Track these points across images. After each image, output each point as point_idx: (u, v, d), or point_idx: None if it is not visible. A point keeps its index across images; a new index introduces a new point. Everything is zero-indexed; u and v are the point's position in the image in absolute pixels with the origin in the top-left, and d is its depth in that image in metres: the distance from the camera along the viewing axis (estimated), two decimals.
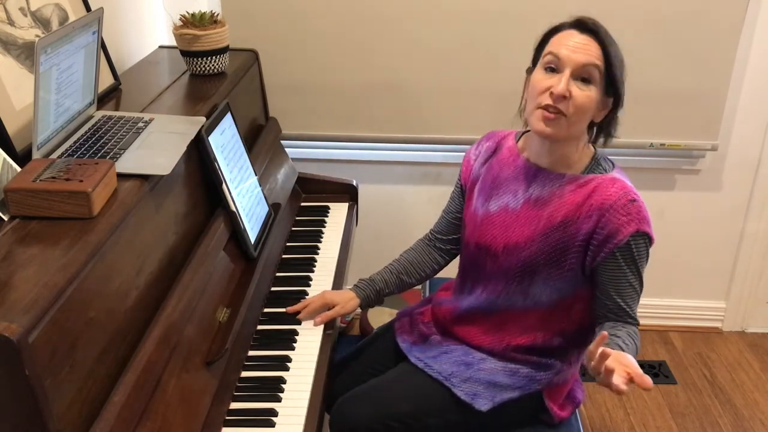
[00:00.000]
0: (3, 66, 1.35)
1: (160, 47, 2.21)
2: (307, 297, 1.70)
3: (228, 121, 1.70)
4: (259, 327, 1.61)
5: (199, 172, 1.57)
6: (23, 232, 1.09)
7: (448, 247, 1.72)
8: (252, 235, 1.66)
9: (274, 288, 1.76)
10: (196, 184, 1.55)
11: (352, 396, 1.57)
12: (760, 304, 2.69)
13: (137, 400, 1.11)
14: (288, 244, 1.95)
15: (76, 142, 1.36)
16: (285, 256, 1.89)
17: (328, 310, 1.64)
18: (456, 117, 2.38)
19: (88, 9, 1.67)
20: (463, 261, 1.65)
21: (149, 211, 1.31)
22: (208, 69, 1.90)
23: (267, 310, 1.67)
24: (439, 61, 2.31)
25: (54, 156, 1.29)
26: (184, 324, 1.30)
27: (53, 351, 0.95)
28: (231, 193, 1.60)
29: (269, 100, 2.23)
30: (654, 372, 2.50)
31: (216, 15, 1.93)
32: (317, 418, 1.38)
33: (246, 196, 1.69)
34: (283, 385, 1.44)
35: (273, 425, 1.34)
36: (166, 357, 1.22)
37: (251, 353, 1.53)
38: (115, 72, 1.77)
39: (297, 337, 1.58)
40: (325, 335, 1.60)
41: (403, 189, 2.57)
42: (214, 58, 1.89)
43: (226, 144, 1.65)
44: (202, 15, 1.89)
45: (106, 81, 1.71)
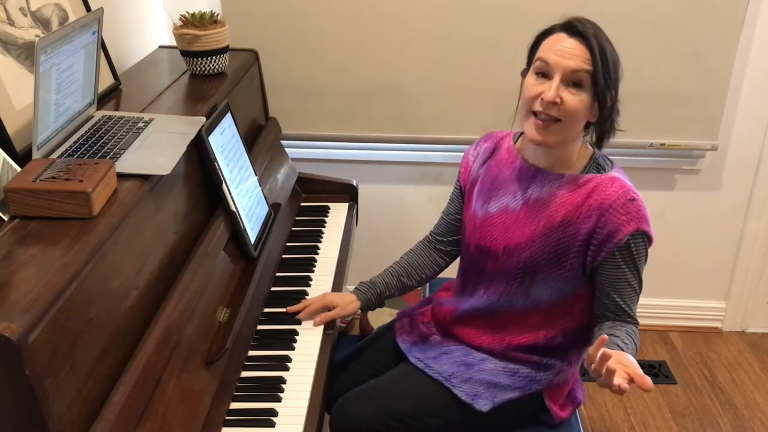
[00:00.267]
0: (3, 66, 1.35)
1: (160, 47, 2.21)
2: (308, 297, 1.70)
3: (228, 121, 1.70)
4: (259, 327, 1.61)
5: (199, 172, 1.57)
6: (23, 232, 1.09)
7: (448, 249, 1.71)
8: (252, 235, 1.66)
9: (274, 288, 1.76)
10: (196, 184, 1.55)
11: (352, 396, 1.57)
12: (760, 304, 2.69)
13: (137, 400, 1.11)
14: (288, 244, 1.95)
15: (76, 142, 1.35)
16: (285, 256, 1.89)
17: (328, 311, 1.64)
18: (456, 117, 2.38)
19: (88, 9, 1.67)
20: (464, 262, 1.65)
21: (149, 211, 1.31)
22: (208, 69, 1.90)
23: (267, 310, 1.67)
24: (439, 61, 2.31)
25: (54, 156, 1.29)
26: (184, 324, 1.30)
27: (53, 351, 0.95)
28: (231, 193, 1.60)
29: (269, 100, 2.23)
30: (654, 372, 2.50)
31: (216, 15, 1.93)
32: (317, 418, 1.38)
33: (246, 196, 1.69)
34: (283, 385, 1.44)
35: (273, 425, 1.34)
36: (166, 357, 1.22)
37: (251, 353, 1.53)
38: (115, 72, 1.77)
39: (297, 337, 1.58)
40: (325, 335, 1.60)
41: (403, 189, 2.57)
42: (214, 58, 1.89)
43: (226, 144, 1.65)
44: (202, 15, 1.89)
45: (106, 81, 1.71)
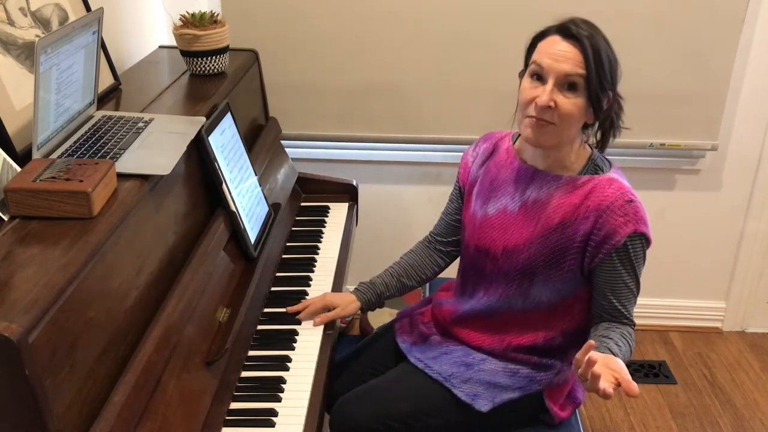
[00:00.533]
0: (3, 66, 1.35)
1: (160, 47, 2.21)
2: (308, 297, 1.70)
3: (228, 121, 1.70)
4: (259, 327, 1.61)
5: (199, 172, 1.57)
6: (23, 232, 1.09)
7: (448, 249, 1.71)
8: (252, 235, 1.66)
9: (274, 288, 1.76)
10: (196, 184, 1.55)
11: (352, 396, 1.57)
12: (760, 304, 2.69)
13: (137, 400, 1.11)
14: (288, 244, 1.95)
15: (76, 142, 1.35)
16: (285, 256, 1.89)
17: (328, 311, 1.64)
18: (456, 117, 2.38)
19: (88, 9, 1.67)
20: (464, 263, 1.65)
21: (149, 211, 1.31)
22: (208, 69, 1.90)
23: (267, 310, 1.67)
24: (439, 61, 2.31)
25: (54, 156, 1.29)
26: (184, 324, 1.30)
27: (53, 351, 0.95)
28: (231, 193, 1.60)
29: (269, 100, 2.23)
30: (654, 372, 2.50)
31: (216, 15, 1.93)
32: (317, 418, 1.38)
33: (246, 196, 1.69)
34: (283, 385, 1.44)
35: (273, 425, 1.34)
36: (166, 357, 1.22)
37: (251, 353, 1.53)
38: (115, 72, 1.77)
39: (297, 337, 1.58)
40: (325, 335, 1.60)
41: (403, 189, 2.57)
42: (214, 58, 1.89)
43: (226, 144, 1.65)
44: (202, 15, 1.89)
45: (106, 81, 1.71)
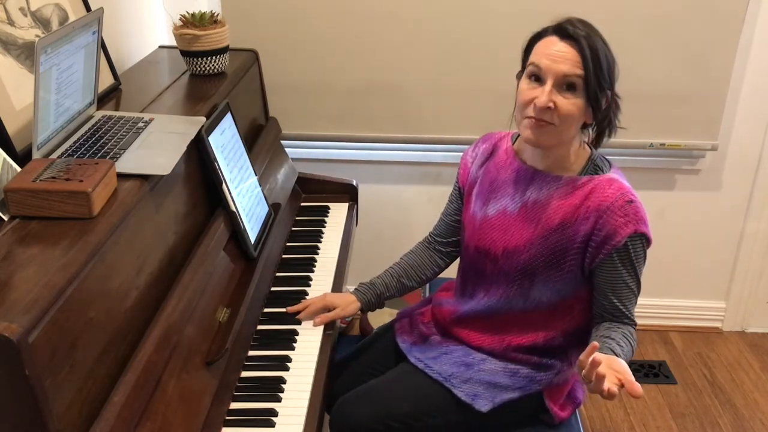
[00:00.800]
0: (3, 66, 1.35)
1: (160, 47, 2.21)
2: (308, 297, 1.70)
3: (228, 121, 1.70)
4: (259, 327, 1.61)
5: (199, 172, 1.57)
6: (23, 232, 1.09)
7: (448, 250, 1.71)
8: (252, 235, 1.66)
9: (274, 288, 1.76)
10: (196, 184, 1.55)
11: (352, 396, 1.57)
12: (760, 304, 2.69)
13: (137, 400, 1.11)
14: (288, 244, 1.95)
15: (76, 142, 1.35)
16: (285, 256, 1.89)
17: (328, 311, 1.64)
18: (456, 117, 2.38)
19: (88, 9, 1.67)
20: (464, 264, 1.65)
21: (149, 211, 1.31)
22: (208, 69, 1.90)
23: (267, 310, 1.67)
24: (439, 61, 2.31)
25: (54, 156, 1.29)
26: (184, 324, 1.30)
27: (53, 351, 0.95)
28: (231, 193, 1.60)
29: (269, 100, 2.23)
30: (654, 372, 2.50)
31: (216, 15, 1.93)
32: (317, 418, 1.38)
33: (246, 196, 1.69)
34: (283, 385, 1.44)
35: (273, 425, 1.34)
36: (166, 357, 1.22)
37: (251, 353, 1.53)
38: (115, 72, 1.77)
39: (297, 337, 1.58)
40: (325, 335, 1.60)
41: (403, 189, 2.57)
42: (214, 58, 1.89)
43: (226, 144, 1.65)
44: (202, 15, 1.89)
45: (106, 81, 1.71)
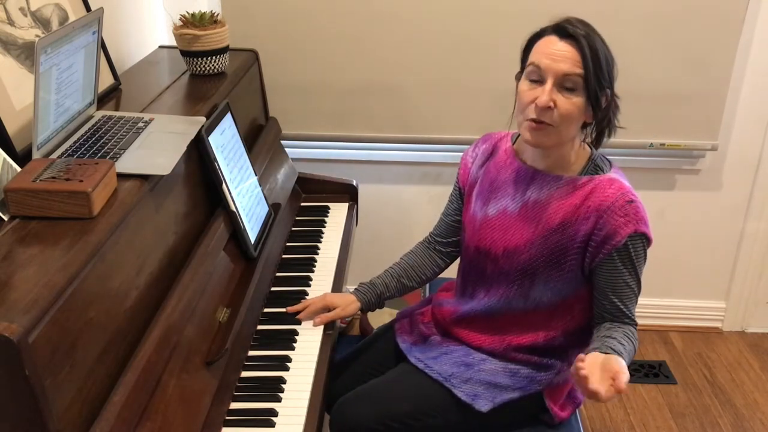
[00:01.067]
0: (3, 66, 1.35)
1: (160, 47, 2.21)
2: (308, 297, 1.70)
3: (228, 121, 1.70)
4: (259, 327, 1.61)
5: (199, 172, 1.57)
6: (23, 232, 1.09)
7: (448, 250, 1.71)
8: (252, 235, 1.66)
9: (274, 288, 1.76)
10: (196, 184, 1.55)
11: (352, 396, 1.57)
12: (760, 304, 2.69)
13: (137, 400, 1.11)
14: (288, 244, 1.95)
15: (76, 142, 1.35)
16: (285, 256, 1.89)
17: (328, 311, 1.64)
18: (456, 117, 2.38)
19: (88, 9, 1.67)
20: (464, 264, 1.65)
21: (149, 211, 1.31)
22: (208, 69, 1.90)
23: (267, 310, 1.67)
24: (439, 61, 2.31)
25: (54, 156, 1.29)
26: (184, 324, 1.30)
27: (53, 351, 0.95)
28: (231, 193, 1.60)
29: (269, 100, 2.23)
30: (654, 372, 2.50)
31: (216, 15, 1.93)
32: (317, 418, 1.38)
33: (246, 196, 1.69)
34: (283, 385, 1.44)
35: (273, 425, 1.34)
36: (166, 357, 1.22)
37: (251, 353, 1.53)
38: (115, 72, 1.77)
39: (297, 337, 1.58)
40: (325, 335, 1.60)
41: (403, 189, 2.57)
42: (214, 58, 1.89)
43: (226, 144, 1.65)
44: (202, 15, 1.89)
45: (106, 81, 1.71)
